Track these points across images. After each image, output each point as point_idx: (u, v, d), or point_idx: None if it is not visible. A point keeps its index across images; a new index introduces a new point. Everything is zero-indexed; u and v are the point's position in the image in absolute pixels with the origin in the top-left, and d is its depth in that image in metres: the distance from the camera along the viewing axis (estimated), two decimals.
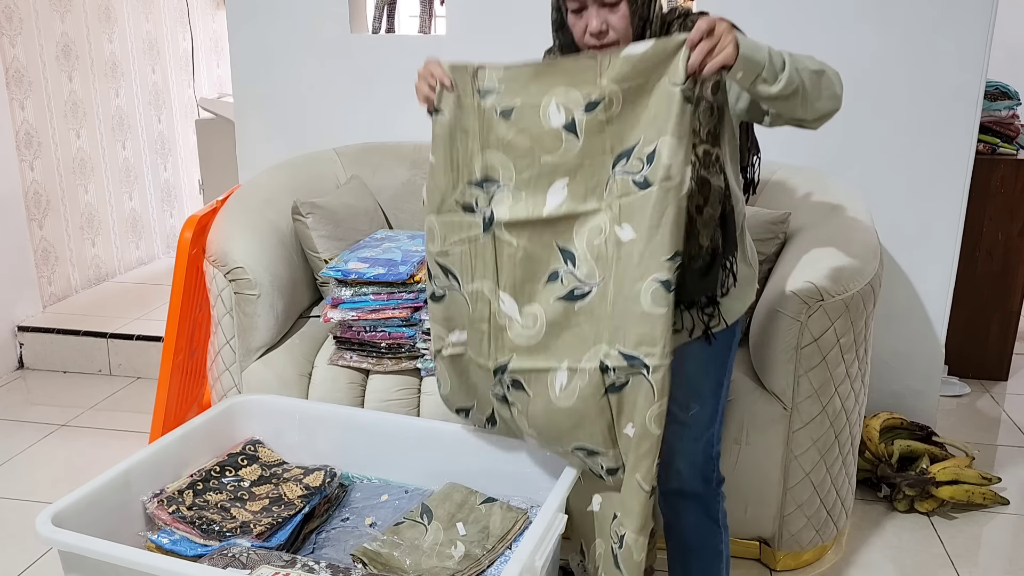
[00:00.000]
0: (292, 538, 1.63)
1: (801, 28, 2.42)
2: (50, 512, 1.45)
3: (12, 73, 3.25)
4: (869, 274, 1.86)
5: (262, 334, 2.10)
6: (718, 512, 1.61)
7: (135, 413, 2.83)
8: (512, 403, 1.57)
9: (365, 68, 2.72)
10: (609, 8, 1.48)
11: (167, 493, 1.65)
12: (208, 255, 2.12)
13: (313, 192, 2.39)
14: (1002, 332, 3.08)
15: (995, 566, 2.07)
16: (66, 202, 3.58)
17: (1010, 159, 2.96)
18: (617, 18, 1.48)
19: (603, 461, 1.51)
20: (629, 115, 1.40)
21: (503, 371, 1.54)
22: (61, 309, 3.45)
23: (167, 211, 4.30)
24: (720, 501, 1.61)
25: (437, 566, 1.53)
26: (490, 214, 1.51)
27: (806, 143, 2.50)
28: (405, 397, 2.03)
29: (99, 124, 3.77)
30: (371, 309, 1.98)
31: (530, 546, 1.38)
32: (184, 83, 4.38)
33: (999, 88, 2.96)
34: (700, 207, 1.52)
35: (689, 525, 1.59)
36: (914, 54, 2.38)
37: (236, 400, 1.95)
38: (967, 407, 2.93)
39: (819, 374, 1.85)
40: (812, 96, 1.44)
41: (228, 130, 3.37)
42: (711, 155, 1.53)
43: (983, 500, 2.28)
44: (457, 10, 2.64)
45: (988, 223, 2.99)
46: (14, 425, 2.76)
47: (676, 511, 1.60)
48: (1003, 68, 3.15)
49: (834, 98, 1.49)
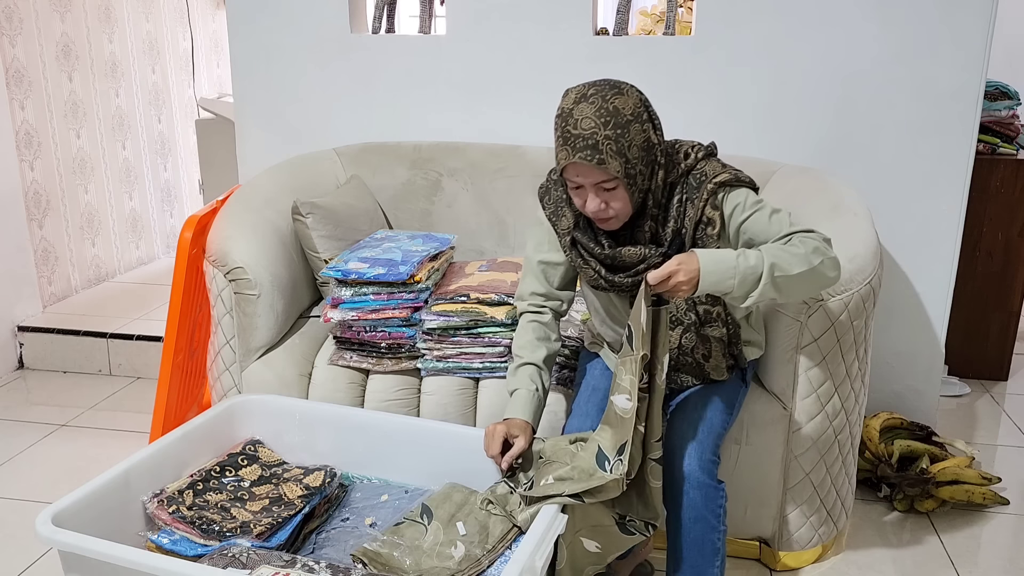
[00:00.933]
0: (292, 538, 1.63)
1: (801, 28, 2.42)
2: (50, 512, 1.45)
3: (12, 73, 3.25)
4: (869, 274, 1.86)
5: (262, 334, 2.10)
6: (720, 509, 1.62)
7: (135, 413, 2.83)
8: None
9: (365, 68, 2.72)
10: (608, 191, 1.53)
11: (167, 493, 1.65)
12: (208, 255, 2.12)
13: (313, 192, 2.39)
14: (1002, 332, 3.08)
15: (995, 566, 2.07)
16: (66, 202, 3.58)
17: (1010, 159, 2.96)
18: (616, 198, 1.54)
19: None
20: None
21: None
22: (61, 309, 3.45)
23: (167, 211, 4.30)
24: (722, 499, 1.62)
25: (437, 566, 1.53)
26: None
27: (806, 143, 2.50)
28: (405, 397, 2.03)
29: (99, 124, 3.77)
30: (371, 309, 1.98)
31: (530, 546, 1.38)
32: (184, 83, 4.38)
33: (999, 88, 2.96)
34: (706, 356, 1.69)
35: (690, 519, 1.60)
36: (914, 54, 2.38)
37: (236, 400, 1.95)
38: (967, 407, 2.93)
39: (819, 374, 1.85)
40: (791, 294, 1.53)
41: (228, 130, 3.37)
42: (711, 313, 1.65)
43: (983, 500, 2.27)
44: (457, 10, 2.64)
45: (988, 223, 2.99)
46: (14, 425, 2.76)
47: (679, 504, 1.61)
48: (1003, 68, 3.15)
49: (821, 285, 1.56)
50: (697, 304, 1.65)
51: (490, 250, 2.57)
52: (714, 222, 1.57)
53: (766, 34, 2.45)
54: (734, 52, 2.47)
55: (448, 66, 2.67)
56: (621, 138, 1.49)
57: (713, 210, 1.57)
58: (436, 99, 2.71)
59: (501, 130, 2.67)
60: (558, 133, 1.53)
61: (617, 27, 2.66)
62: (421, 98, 2.72)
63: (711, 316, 1.67)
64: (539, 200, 1.75)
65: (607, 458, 1.51)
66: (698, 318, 1.66)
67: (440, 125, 2.71)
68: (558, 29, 2.57)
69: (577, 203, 1.58)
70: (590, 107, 1.49)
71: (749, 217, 1.58)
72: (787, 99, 2.48)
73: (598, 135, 1.48)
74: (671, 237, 1.59)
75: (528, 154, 2.56)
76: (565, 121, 1.51)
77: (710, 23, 2.47)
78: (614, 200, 1.54)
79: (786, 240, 1.52)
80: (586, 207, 1.55)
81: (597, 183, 1.52)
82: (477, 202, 2.57)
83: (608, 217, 1.56)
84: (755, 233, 1.57)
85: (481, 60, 2.65)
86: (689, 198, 1.59)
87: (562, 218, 1.69)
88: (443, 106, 2.70)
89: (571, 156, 1.49)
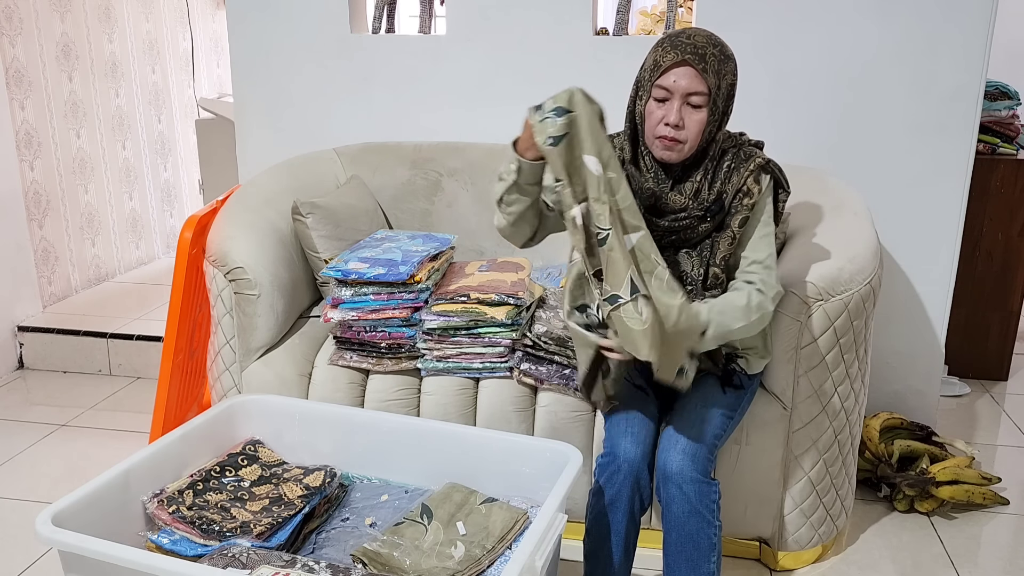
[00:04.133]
0: (292, 538, 1.64)
1: (801, 28, 2.42)
2: (50, 512, 1.45)
3: (12, 73, 3.25)
4: (869, 274, 1.86)
5: (262, 334, 2.10)
6: (714, 504, 1.63)
7: (135, 413, 2.83)
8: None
9: (365, 68, 2.72)
10: (693, 108, 1.61)
11: (167, 493, 1.65)
12: (208, 255, 2.12)
13: (313, 192, 2.39)
14: (1002, 332, 3.08)
15: (995, 566, 2.07)
16: (66, 202, 3.58)
17: (1010, 159, 2.96)
18: (694, 120, 1.62)
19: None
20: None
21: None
22: (61, 309, 3.45)
23: (167, 211, 4.30)
24: (716, 495, 1.63)
25: (437, 566, 1.53)
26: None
27: (806, 143, 2.50)
28: (405, 397, 2.03)
29: (99, 124, 3.77)
30: (371, 309, 1.98)
31: (530, 546, 1.38)
32: (184, 83, 4.38)
33: (999, 88, 2.96)
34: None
35: (684, 513, 1.60)
36: (914, 54, 2.38)
37: (236, 400, 1.95)
38: (967, 407, 2.93)
39: (819, 374, 1.85)
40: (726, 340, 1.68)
41: (228, 130, 3.37)
42: (718, 278, 1.71)
43: (983, 500, 2.28)
44: (457, 10, 2.64)
45: (988, 223, 2.99)
46: (14, 425, 2.76)
47: (673, 499, 1.61)
48: (1003, 68, 3.15)
49: (749, 333, 1.69)
50: (710, 267, 1.71)
51: (490, 250, 2.57)
52: (752, 194, 1.67)
53: (766, 34, 2.45)
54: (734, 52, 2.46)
55: (448, 66, 2.67)
56: (722, 66, 1.61)
57: (755, 184, 1.67)
58: (436, 99, 2.71)
59: (501, 130, 2.66)
60: (664, 45, 1.61)
61: (617, 27, 2.66)
62: (421, 98, 2.72)
63: (717, 281, 1.71)
64: None
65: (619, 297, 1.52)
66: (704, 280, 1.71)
67: (440, 125, 2.71)
68: (558, 29, 2.57)
69: (652, 120, 1.64)
70: (702, 32, 1.63)
71: (750, 220, 1.69)
72: (787, 99, 2.48)
73: (707, 50, 1.59)
74: (715, 196, 1.68)
75: None
76: (676, 35, 1.61)
77: (710, 23, 2.47)
78: (692, 122, 1.61)
79: (736, 291, 1.67)
80: (665, 119, 1.61)
81: (689, 93, 1.59)
82: (477, 202, 2.57)
83: (677, 140, 1.63)
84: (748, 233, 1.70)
85: (481, 60, 2.65)
86: (736, 166, 1.68)
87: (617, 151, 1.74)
88: (443, 106, 2.70)
89: (678, 56, 1.58)
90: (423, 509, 1.66)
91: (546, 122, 1.52)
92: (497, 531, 1.61)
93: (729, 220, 1.69)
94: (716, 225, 1.71)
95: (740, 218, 1.68)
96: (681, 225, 1.69)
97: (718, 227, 1.71)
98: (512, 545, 1.60)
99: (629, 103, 1.71)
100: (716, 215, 1.69)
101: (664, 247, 1.68)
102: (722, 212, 1.69)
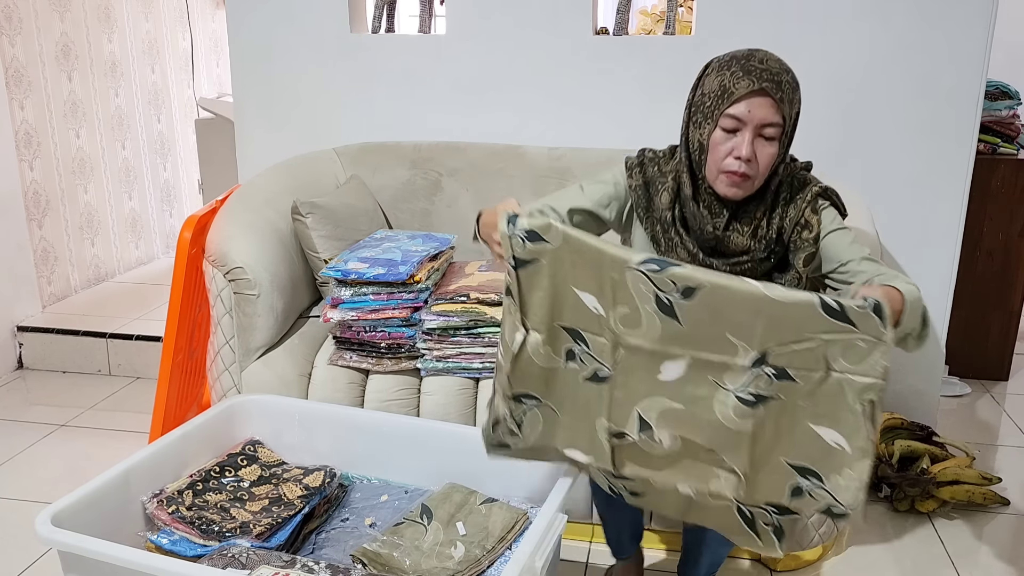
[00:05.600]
0: (292, 538, 1.63)
1: (801, 28, 2.42)
2: (50, 512, 1.45)
3: (12, 73, 3.25)
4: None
5: (262, 334, 2.10)
6: None
7: (135, 413, 2.83)
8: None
9: (365, 68, 2.72)
10: (765, 140, 1.45)
11: (167, 493, 1.65)
12: (208, 255, 2.12)
13: (313, 192, 2.39)
14: (1002, 332, 3.08)
15: (995, 566, 2.07)
16: (66, 202, 3.58)
17: (1010, 159, 2.96)
18: (766, 154, 1.45)
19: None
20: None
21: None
22: (61, 309, 3.45)
23: (167, 211, 4.30)
24: None
25: (437, 566, 1.53)
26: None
27: (806, 143, 2.49)
28: (405, 397, 2.03)
29: (99, 124, 3.77)
30: (371, 309, 1.98)
31: (530, 546, 1.38)
32: (184, 83, 4.38)
33: (999, 88, 2.96)
34: None
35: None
36: (914, 54, 2.38)
37: (236, 400, 1.95)
38: (967, 407, 2.92)
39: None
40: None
41: (228, 130, 3.37)
42: None
43: (983, 500, 2.27)
44: (457, 10, 2.64)
45: (988, 223, 2.99)
46: (14, 425, 2.76)
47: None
48: (1003, 68, 3.15)
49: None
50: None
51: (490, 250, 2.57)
52: (811, 226, 1.51)
53: (766, 34, 2.45)
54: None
55: (448, 66, 2.67)
56: (795, 92, 1.47)
57: (813, 214, 1.52)
58: (436, 99, 2.71)
59: (501, 130, 2.67)
60: (734, 69, 1.44)
61: (617, 27, 2.66)
62: (421, 98, 2.71)
63: None
64: (627, 168, 1.61)
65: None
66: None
67: (440, 125, 2.71)
68: (558, 29, 2.57)
69: (719, 153, 1.46)
70: (772, 57, 1.46)
71: (833, 232, 1.53)
72: None
73: (783, 77, 1.44)
74: (775, 234, 1.52)
75: (528, 154, 2.55)
76: (747, 59, 1.44)
77: (710, 23, 2.47)
78: (763, 155, 1.45)
79: (896, 277, 1.43)
80: (735, 152, 1.43)
81: (763, 124, 1.43)
82: (477, 202, 2.57)
83: (745, 176, 1.45)
84: (833, 249, 1.52)
85: (481, 60, 2.65)
86: (793, 200, 1.53)
87: (662, 192, 1.56)
88: (443, 106, 2.70)
89: (755, 84, 1.41)
90: (423, 509, 1.66)
91: (513, 240, 1.34)
92: (497, 531, 1.61)
93: (792, 259, 1.52)
94: (776, 264, 1.55)
95: (804, 255, 1.50)
96: (743, 269, 1.51)
97: (778, 266, 1.55)
98: (512, 545, 1.59)
99: (683, 128, 1.54)
100: (778, 254, 1.53)
101: None
102: (782, 248, 1.53)
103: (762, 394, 1.29)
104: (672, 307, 1.27)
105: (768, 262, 1.53)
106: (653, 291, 1.27)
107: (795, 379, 1.27)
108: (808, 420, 1.29)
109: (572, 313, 1.36)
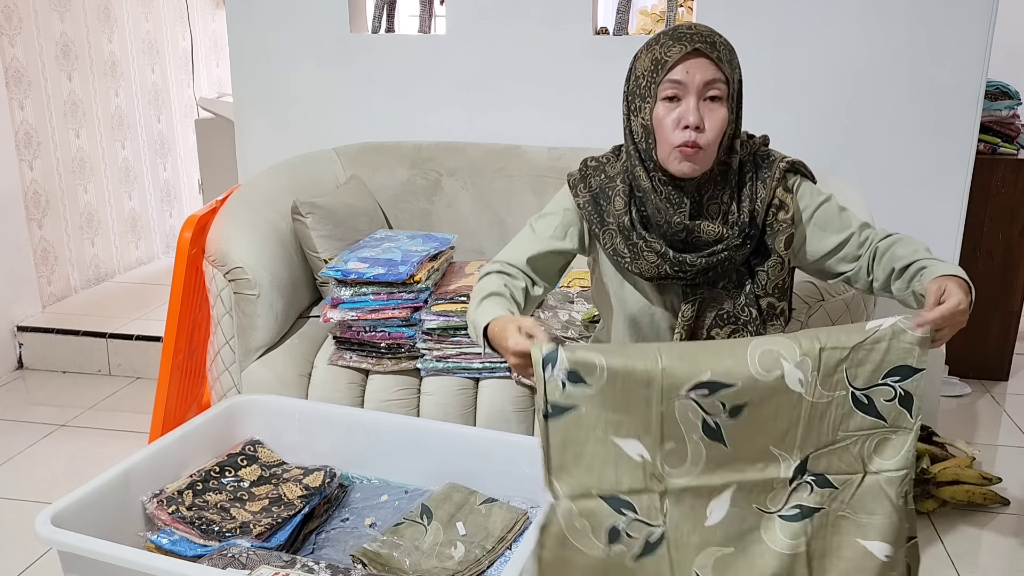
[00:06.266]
0: (292, 538, 1.63)
1: (801, 27, 2.42)
2: (50, 512, 1.45)
3: (12, 73, 3.25)
4: None
5: (262, 334, 2.10)
6: None
7: (135, 413, 2.82)
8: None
9: (365, 68, 2.72)
10: (712, 102, 1.36)
11: (167, 493, 1.65)
12: (207, 255, 2.12)
13: (313, 192, 2.39)
14: (1002, 332, 3.07)
15: (995, 566, 2.07)
16: (65, 202, 3.58)
17: (1010, 159, 2.96)
18: (716, 118, 1.37)
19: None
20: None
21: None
22: (60, 309, 3.45)
23: (167, 211, 4.30)
24: None
25: (437, 566, 1.53)
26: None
27: (806, 143, 2.50)
28: (405, 397, 2.03)
29: (98, 124, 3.77)
30: (371, 309, 1.98)
31: (530, 546, 1.38)
32: (184, 83, 4.37)
33: (999, 88, 2.96)
34: None
35: None
36: (914, 54, 2.38)
37: (236, 400, 1.95)
38: (967, 407, 2.92)
39: None
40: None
41: (228, 130, 3.36)
42: (775, 308, 1.50)
43: (983, 500, 2.27)
44: (457, 10, 2.64)
45: (988, 223, 2.99)
46: (14, 425, 2.76)
47: None
48: (1003, 68, 3.15)
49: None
50: (760, 298, 1.48)
51: (490, 250, 2.57)
52: (787, 206, 1.44)
53: (766, 34, 2.45)
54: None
55: (448, 66, 2.67)
56: (732, 55, 1.40)
57: (785, 192, 1.45)
58: (436, 99, 2.71)
59: (501, 130, 2.67)
60: (662, 41, 1.38)
61: (617, 27, 2.66)
62: (421, 98, 2.71)
63: (775, 311, 1.49)
64: (570, 187, 1.54)
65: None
66: (760, 314, 1.48)
67: (440, 125, 2.71)
68: (558, 28, 2.57)
69: (666, 126, 1.37)
70: (699, 24, 1.41)
71: (820, 206, 1.49)
72: (787, 99, 2.48)
73: (716, 38, 1.38)
74: (748, 218, 1.44)
75: (528, 154, 2.55)
76: (674, 30, 1.39)
77: (710, 23, 2.46)
78: (712, 120, 1.36)
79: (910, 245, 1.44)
80: (683, 121, 1.35)
81: (705, 83, 1.35)
82: (477, 202, 2.57)
83: (696, 146, 1.35)
84: (827, 224, 1.48)
85: (481, 60, 2.65)
86: (759, 178, 1.46)
87: (614, 198, 1.48)
88: (443, 106, 2.70)
89: (687, 47, 1.34)
90: (423, 509, 1.66)
91: (550, 384, 1.17)
92: (497, 531, 1.61)
93: (772, 243, 1.46)
94: (755, 249, 1.47)
95: (784, 238, 1.44)
96: (720, 259, 1.43)
97: (756, 251, 1.48)
98: (512, 545, 1.59)
99: (624, 122, 1.46)
100: (754, 237, 1.45)
101: (698, 285, 1.47)
102: (757, 231, 1.46)
103: (805, 505, 1.27)
104: (719, 430, 1.22)
105: (744, 247, 1.45)
106: (701, 417, 1.21)
107: (835, 485, 1.26)
108: (855, 536, 1.28)
109: (613, 473, 1.22)
